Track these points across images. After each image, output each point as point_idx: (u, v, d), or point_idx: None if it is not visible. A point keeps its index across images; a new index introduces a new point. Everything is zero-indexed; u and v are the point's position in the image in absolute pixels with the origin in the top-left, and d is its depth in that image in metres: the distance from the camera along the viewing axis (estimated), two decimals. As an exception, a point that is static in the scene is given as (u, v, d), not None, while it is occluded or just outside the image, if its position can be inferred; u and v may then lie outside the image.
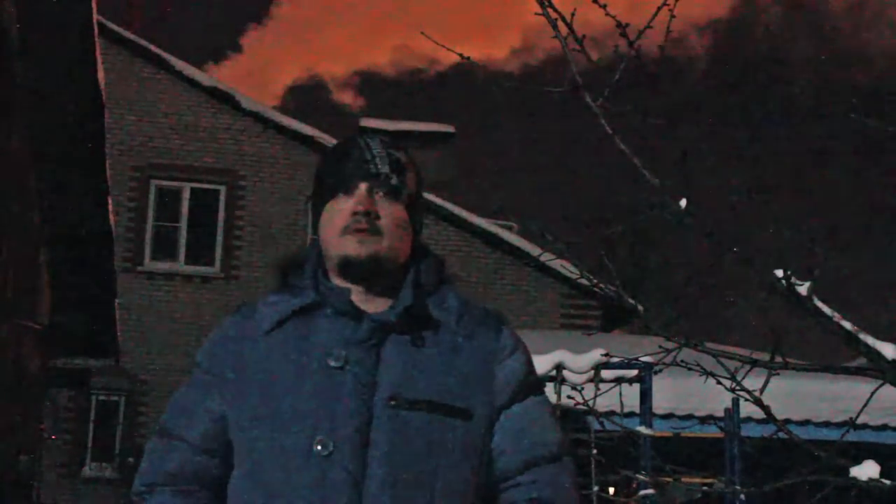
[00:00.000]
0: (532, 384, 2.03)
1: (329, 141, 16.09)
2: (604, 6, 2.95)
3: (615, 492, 8.55)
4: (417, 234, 2.05)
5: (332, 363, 1.89)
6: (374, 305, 1.96)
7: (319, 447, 1.83)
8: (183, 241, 16.29)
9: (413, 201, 2.02)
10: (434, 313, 1.96)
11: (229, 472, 1.96)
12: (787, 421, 7.69)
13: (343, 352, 1.89)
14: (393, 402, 1.86)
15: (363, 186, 1.96)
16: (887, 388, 3.21)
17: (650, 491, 6.02)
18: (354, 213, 1.94)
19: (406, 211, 2.00)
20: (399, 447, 1.84)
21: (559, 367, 6.51)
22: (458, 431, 1.89)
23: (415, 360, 1.91)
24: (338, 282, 1.98)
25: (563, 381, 6.49)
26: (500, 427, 1.95)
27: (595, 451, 6.03)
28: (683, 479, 6.33)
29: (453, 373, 1.92)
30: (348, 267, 1.95)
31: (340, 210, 1.96)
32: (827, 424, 7.93)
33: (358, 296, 1.96)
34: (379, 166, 1.98)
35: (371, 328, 1.91)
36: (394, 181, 1.98)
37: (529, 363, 2.03)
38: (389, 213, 1.96)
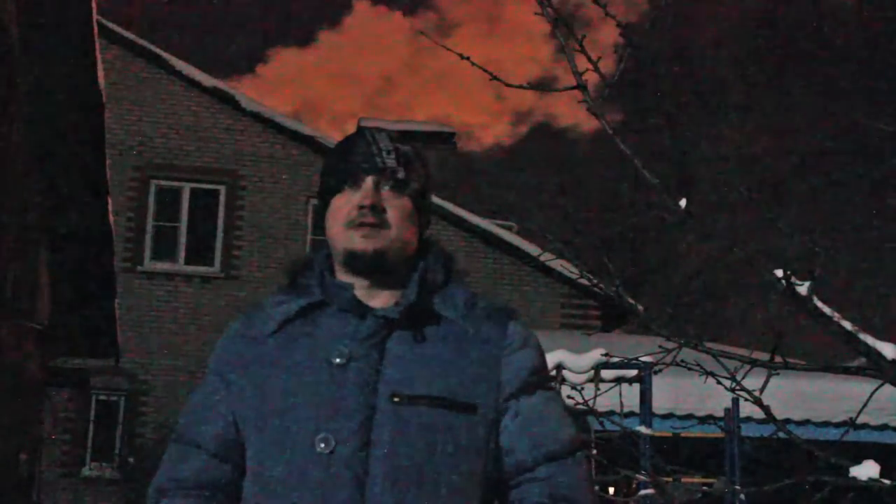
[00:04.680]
0: (542, 379, 2.00)
1: (329, 141, 16.10)
2: (604, 6, 2.96)
3: (615, 492, 8.55)
4: (425, 228, 2.04)
5: (336, 360, 1.88)
6: (380, 300, 1.96)
7: (322, 445, 1.83)
8: (183, 241, 16.28)
9: (420, 195, 2.01)
10: (440, 309, 1.95)
11: (244, 476, 1.95)
12: (787, 421, 7.70)
13: (347, 349, 1.89)
14: (395, 399, 1.85)
15: (369, 180, 1.96)
16: (887, 388, 3.21)
17: (650, 491, 6.01)
18: (360, 207, 1.94)
19: (413, 205, 1.99)
20: (401, 444, 1.83)
21: (559, 367, 6.51)
22: (463, 427, 1.88)
23: (419, 356, 1.90)
24: (344, 277, 1.98)
25: (562, 381, 6.48)
26: (508, 423, 1.93)
27: (595, 451, 6.02)
28: (683, 479, 6.33)
29: (458, 368, 1.90)
30: (354, 261, 1.95)
31: (346, 204, 1.96)
32: (827, 424, 7.93)
33: (363, 291, 1.96)
34: (385, 160, 1.97)
35: (375, 324, 1.91)
36: (400, 174, 1.97)
37: (540, 358, 2.01)
38: (396, 206, 1.96)
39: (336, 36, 51.64)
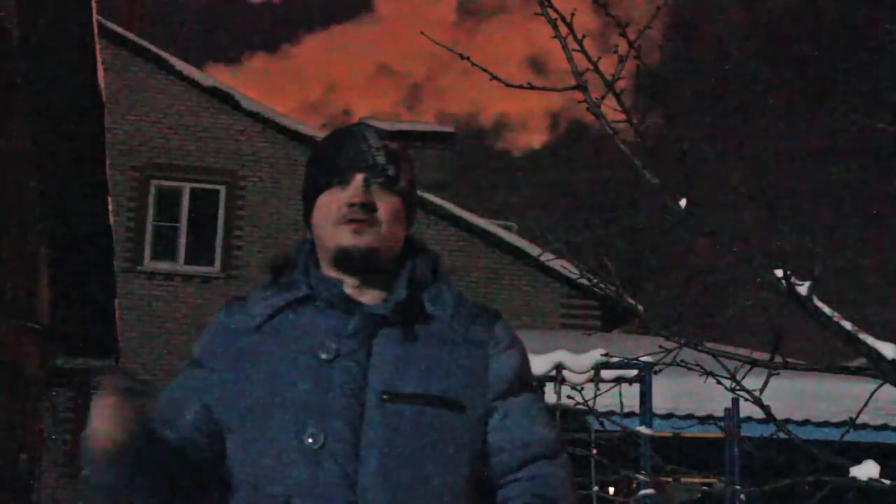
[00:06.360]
0: (527, 381, 2.01)
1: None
2: (604, 6, 2.95)
3: (615, 492, 8.54)
4: (410, 226, 2.04)
5: (324, 356, 1.87)
6: (367, 298, 1.95)
7: (311, 440, 1.82)
8: (183, 241, 16.27)
9: (408, 193, 2.01)
10: (428, 308, 1.95)
11: (207, 465, 1.92)
12: (787, 421, 7.69)
13: (334, 344, 1.88)
14: (385, 396, 1.85)
15: (359, 177, 1.95)
16: (887, 388, 3.21)
17: (650, 491, 6.01)
18: (350, 205, 1.93)
19: (402, 203, 1.99)
20: (392, 441, 1.83)
21: (559, 367, 6.50)
22: (452, 424, 1.87)
23: (407, 353, 1.89)
24: (331, 274, 1.97)
25: (563, 381, 6.48)
26: (495, 423, 1.93)
27: (595, 451, 6.02)
28: (683, 479, 6.33)
29: (446, 366, 1.90)
30: (343, 258, 1.94)
31: (336, 201, 1.95)
32: (827, 424, 7.92)
33: (351, 288, 1.96)
34: (375, 157, 1.96)
35: (363, 320, 1.90)
36: (390, 172, 1.97)
37: (524, 360, 2.01)
38: (385, 204, 1.96)
39: (371, 22, 51.12)
